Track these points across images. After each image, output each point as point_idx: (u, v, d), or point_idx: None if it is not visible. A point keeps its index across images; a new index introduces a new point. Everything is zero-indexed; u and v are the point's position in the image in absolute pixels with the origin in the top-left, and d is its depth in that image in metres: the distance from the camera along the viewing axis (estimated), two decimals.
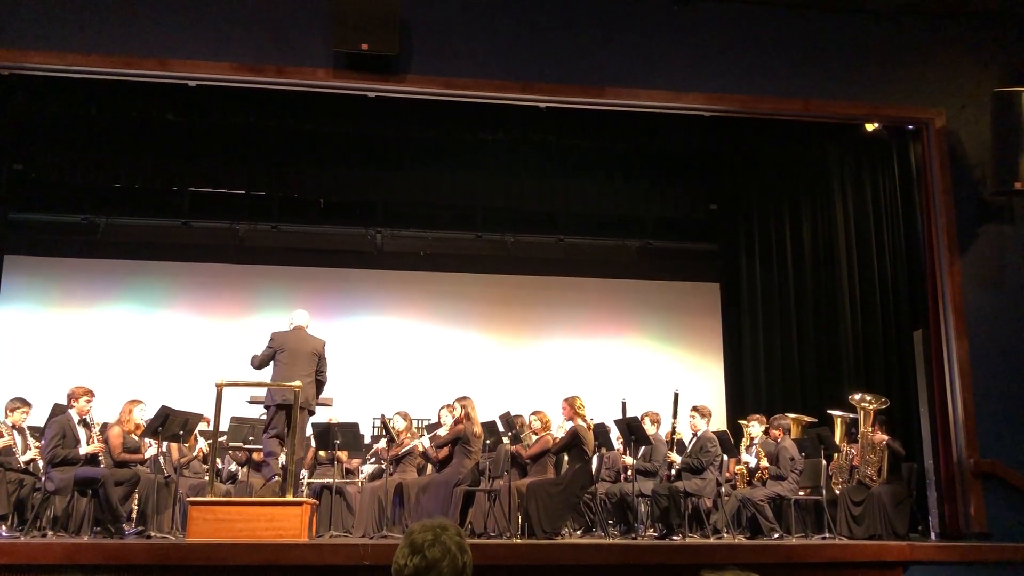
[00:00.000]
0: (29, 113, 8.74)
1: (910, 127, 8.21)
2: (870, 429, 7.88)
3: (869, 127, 8.52)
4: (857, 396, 8.14)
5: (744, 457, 8.23)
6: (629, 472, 8.08)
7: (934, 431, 7.63)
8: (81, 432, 6.96)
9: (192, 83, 7.43)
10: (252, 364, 7.23)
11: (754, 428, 8.35)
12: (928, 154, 7.96)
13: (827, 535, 7.59)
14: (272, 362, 7.16)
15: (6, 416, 7.31)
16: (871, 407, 7.97)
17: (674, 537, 7.21)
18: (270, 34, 7.27)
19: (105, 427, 7.31)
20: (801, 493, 7.96)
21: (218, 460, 7.45)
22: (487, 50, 7.54)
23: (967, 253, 7.75)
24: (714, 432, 7.92)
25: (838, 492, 7.98)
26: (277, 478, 7.11)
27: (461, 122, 8.54)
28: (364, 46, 6.97)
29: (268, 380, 7.12)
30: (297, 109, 8.37)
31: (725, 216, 11.84)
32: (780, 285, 10.71)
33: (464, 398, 7.95)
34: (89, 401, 7.07)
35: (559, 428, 7.88)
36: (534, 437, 7.99)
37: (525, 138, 9.00)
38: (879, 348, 8.95)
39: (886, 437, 7.77)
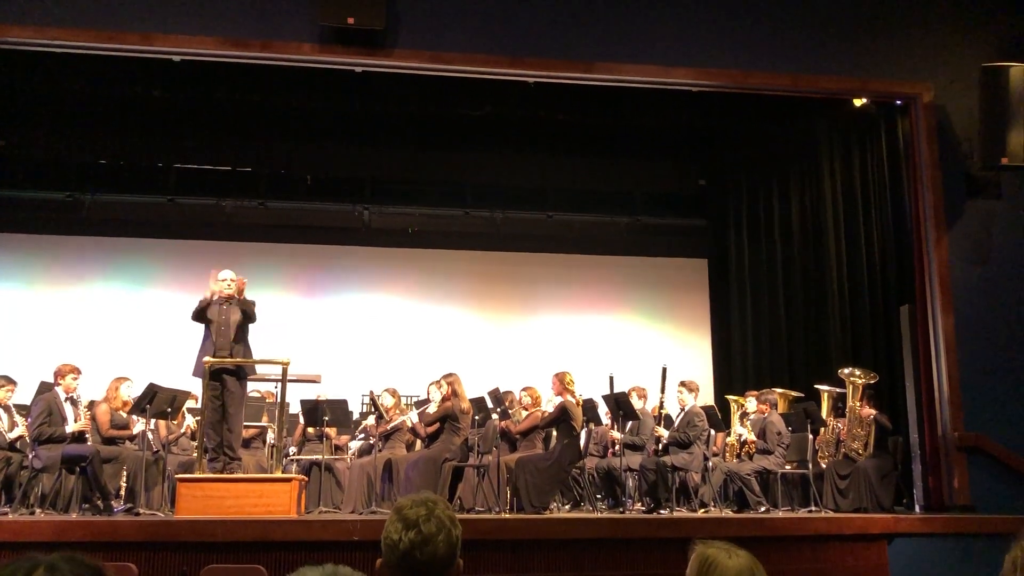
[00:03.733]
0: (12, 89, 8.64)
1: (898, 102, 8.21)
2: (858, 403, 7.93)
3: (857, 102, 8.51)
4: (847, 370, 8.18)
5: (737, 428, 8.32)
6: (617, 447, 8.12)
7: (919, 405, 7.68)
8: (68, 410, 6.93)
9: (176, 58, 7.36)
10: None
11: (751, 403, 8.50)
12: (916, 129, 7.96)
13: (813, 508, 7.65)
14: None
15: None
16: (860, 381, 8.02)
17: (661, 511, 7.26)
18: (255, 8, 7.18)
19: (92, 404, 7.29)
20: (788, 467, 8.02)
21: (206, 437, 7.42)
22: (475, 24, 7.47)
23: (954, 228, 7.77)
24: (701, 407, 7.97)
25: (824, 466, 8.05)
26: None
27: (449, 97, 8.48)
28: (350, 20, 6.89)
29: (254, 356, 7.08)
30: (283, 85, 8.29)
31: (714, 192, 11.84)
32: (768, 260, 10.73)
33: (451, 375, 7.93)
34: (75, 379, 7.05)
35: (548, 403, 7.90)
36: (524, 413, 8.01)
37: (514, 114, 8.95)
38: (866, 323, 8.99)
39: (874, 411, 7.83)
